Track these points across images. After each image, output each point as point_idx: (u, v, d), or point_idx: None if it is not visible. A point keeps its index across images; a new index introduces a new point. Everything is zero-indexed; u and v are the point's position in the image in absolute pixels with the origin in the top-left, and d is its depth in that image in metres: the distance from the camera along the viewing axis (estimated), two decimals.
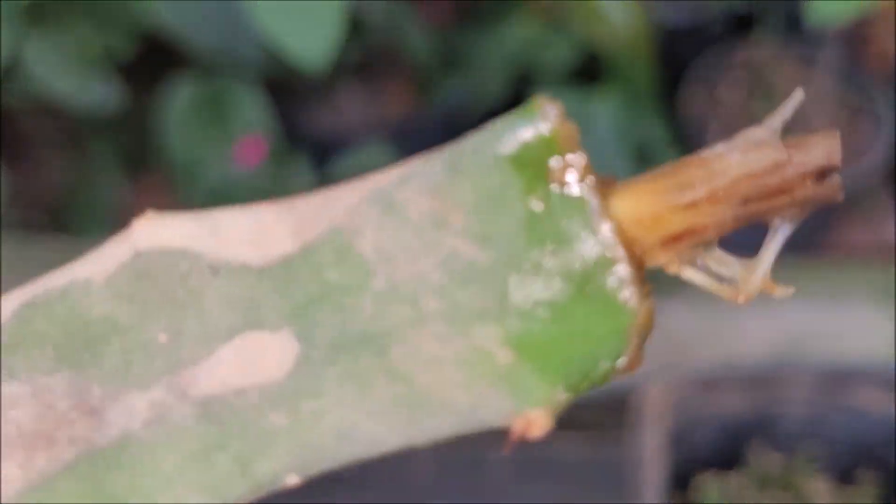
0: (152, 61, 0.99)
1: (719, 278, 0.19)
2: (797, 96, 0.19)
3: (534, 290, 0.17)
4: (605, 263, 0.17)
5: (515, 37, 0.95)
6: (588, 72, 0.95)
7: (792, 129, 0.81)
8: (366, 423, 0.18)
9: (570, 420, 0.79)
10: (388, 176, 0.18)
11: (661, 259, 0.18)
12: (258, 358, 0.18)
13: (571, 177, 0.17)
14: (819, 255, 1.03)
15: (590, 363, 0.18)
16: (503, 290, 0.17)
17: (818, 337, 0.95)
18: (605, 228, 0.17)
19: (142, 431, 0.18)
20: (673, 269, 0.19)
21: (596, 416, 0.92)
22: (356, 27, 0.94)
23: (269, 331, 0.18)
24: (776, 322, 0.97)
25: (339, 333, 0.17)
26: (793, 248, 0.89)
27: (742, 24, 1.06)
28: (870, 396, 0.78)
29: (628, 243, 0.18)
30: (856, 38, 1.06)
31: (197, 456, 0.18)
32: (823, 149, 0.19)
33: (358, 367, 0.17)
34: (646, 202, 0.18)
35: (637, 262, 0.18)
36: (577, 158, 0.17)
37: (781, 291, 0.19)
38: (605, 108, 0.92)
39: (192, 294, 0.18)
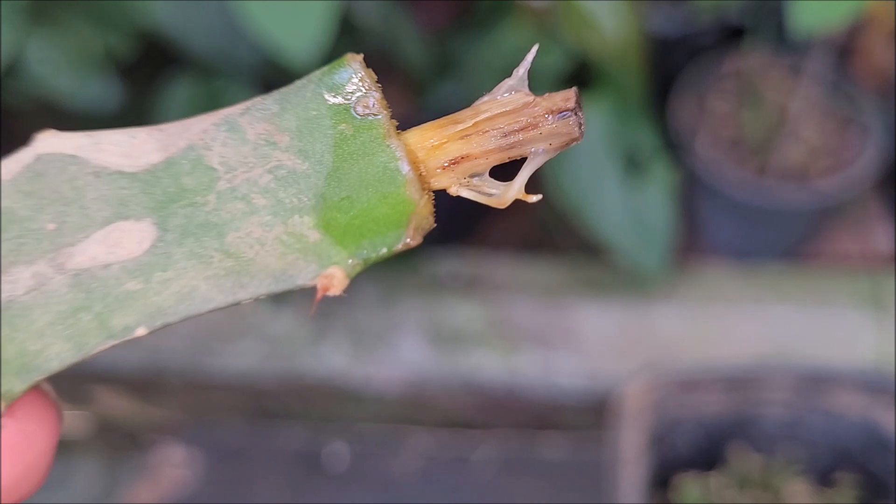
0: (151, 61, 1.00)
1: (489, 196, 0.24)
2: (532, 52, 0.24)
3: (338, 190, 0.23)
4: (393, 169, 0.23)
5: (508, 43, 0.96)
6: (580, 78, 0.96)
7: (781, 139, 0.83)
8: (202, 287, 0.23)
9: (555, 421, 0.81)
10: (234, 108, 0.24)
11: (444, 180, 0.24)
12: (123, 240, 0.22)
13: (371, 108, 0.23)
14: (808, 263, 1.04)
15: (379, 238, 0.23)
16: (316, 190, 0.23)
17: (803, 342, 0.96)
18: (394, 144, 0.23)
19: (23, 297, 0.22)
20: (452, 190, 0.24)
21: (579, 416, 0.93)
22: (352, 30, 0.95)
23: (134, 220, 0.23)
24: (763, 326, 0.98)
25: (188, 222, 0.23)
26: (783, 255, 0.90)
27: (732, 35, 1.07)
28: (848, 400, 0.79)
29: (414, 162, 0.24)
30: (845, 49, 1.07)
31: (65, 314, 0.22)
32: (562, 96, 0.24)
33: (200, 247, 0.23)
34: (427, 133, 0.24)
35: (421, 176, 0.24)
36: (376, 95, 0.23)
37: (534, 198, 0.24)
38: (595, 114, 0.94)
39: (77, 192, 0.23)
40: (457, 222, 1.08)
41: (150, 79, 0.99)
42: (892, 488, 0.79)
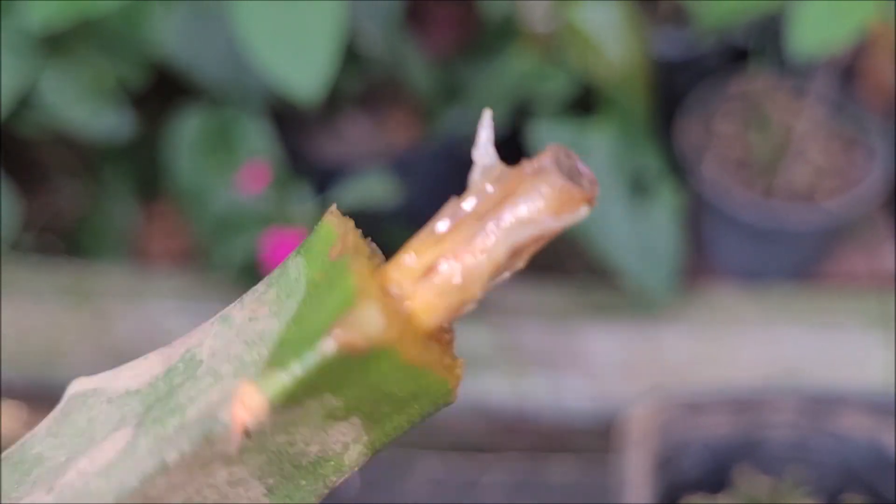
0: (163, 91, 1.02)
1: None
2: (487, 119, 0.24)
3: (297, 331, 0.23)
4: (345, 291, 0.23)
5: (514, 69, 0.97)
6: (585, 103, 0.97)
7: (788, 161, 0.84)
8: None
9: (564, 444, 0.81)
10: (233, 304, 0.24)
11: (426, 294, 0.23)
12: (106, 448, 0.23)
13: (343, 249, 0.23)
14: (816, 284, 1.04)
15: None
16: (276, 339, 0.23)
17: (812, 363, 0.96)
18: (356, 271, 0.23)
19: None
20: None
21: (588, 439, 0.93)
22: (360, 59, 0.97)
23: (125, 428, 0.24)
24: (773, 348, 0.98)
25: (161, 413, 0.23)
26: (790, 276, 0.91)
27: (738, 57, 1.08)
28: (855, 421, 0.79)
29: (381, 282, 0.23)
30: (849, 70, 1.08)
31: None
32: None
33: (164, 428, 0.23)
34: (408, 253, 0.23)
35: (391, 296, 0.23)
36: (349, 238, 0.24)
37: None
38: (601, 138, 0.94)
39: (90, 420, 0.24)
40: None
41: (162, 109, 1.01)
42: None
